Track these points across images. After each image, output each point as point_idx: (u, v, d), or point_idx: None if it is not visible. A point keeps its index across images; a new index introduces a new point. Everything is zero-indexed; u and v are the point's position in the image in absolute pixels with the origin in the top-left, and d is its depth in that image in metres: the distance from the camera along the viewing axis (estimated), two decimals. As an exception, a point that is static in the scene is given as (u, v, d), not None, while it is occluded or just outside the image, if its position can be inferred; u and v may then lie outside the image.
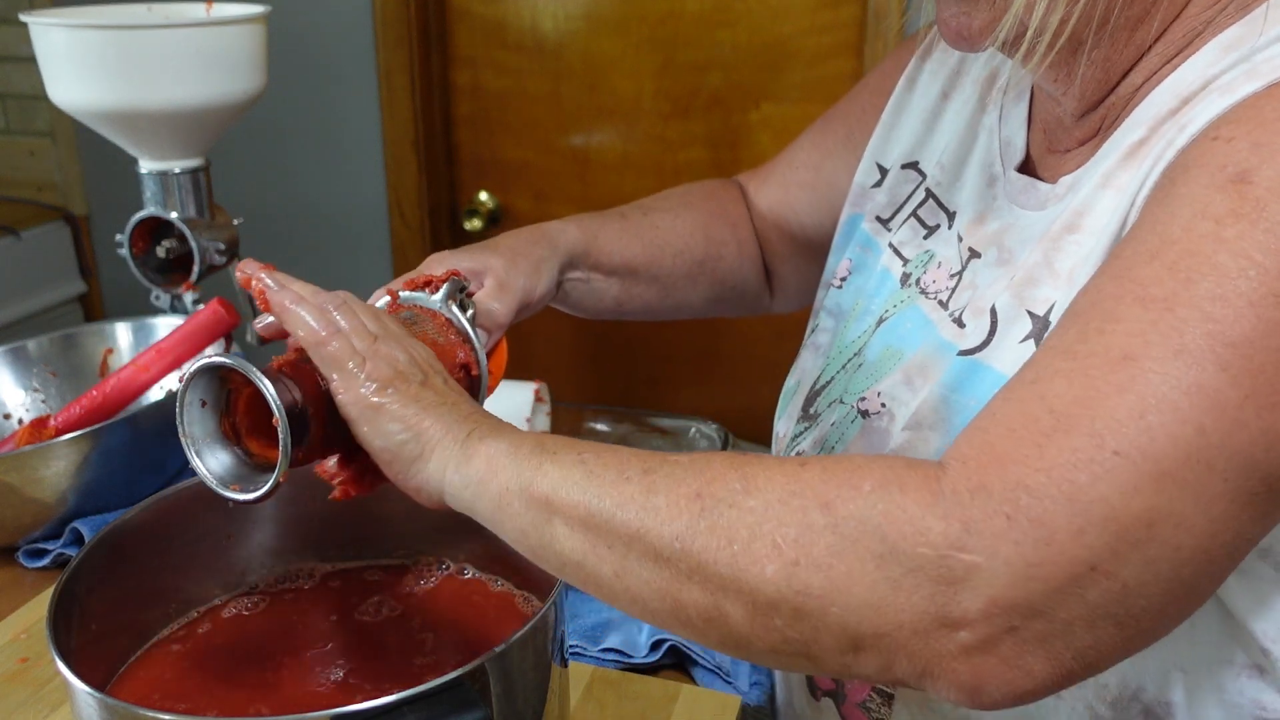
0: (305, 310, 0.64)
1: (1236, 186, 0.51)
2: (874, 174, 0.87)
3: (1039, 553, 0.48)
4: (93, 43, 1.21)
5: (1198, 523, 0.48)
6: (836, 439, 0.78)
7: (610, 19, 2.00)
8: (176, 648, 0.76)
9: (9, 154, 2.49)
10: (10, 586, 1.04)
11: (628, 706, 0.86)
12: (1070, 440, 0.49)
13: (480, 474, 0.59)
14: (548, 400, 1.23)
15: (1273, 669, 0.60)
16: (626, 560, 0.54)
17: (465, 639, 0.75)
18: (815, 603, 0.50)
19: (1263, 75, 0.54)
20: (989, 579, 0.48)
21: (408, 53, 2.08)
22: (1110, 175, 0.62)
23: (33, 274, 2.36)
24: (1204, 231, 0.51)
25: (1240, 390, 0.48)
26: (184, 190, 1.32)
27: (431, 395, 0.63)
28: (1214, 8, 0.61)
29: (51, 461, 1.02)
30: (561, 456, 0.58)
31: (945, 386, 0.68)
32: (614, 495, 0.55)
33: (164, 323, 1.26)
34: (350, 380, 0.62)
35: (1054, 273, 0.64)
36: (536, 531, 0.58)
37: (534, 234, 0.87)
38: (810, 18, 1.89)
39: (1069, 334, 0.53)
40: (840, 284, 0.87)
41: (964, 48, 0.66)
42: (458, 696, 0.58)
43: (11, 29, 2.37)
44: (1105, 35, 0.63)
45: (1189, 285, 0.50)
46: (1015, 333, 0.65)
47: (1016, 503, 0.48)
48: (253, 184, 2.24)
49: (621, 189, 2.09)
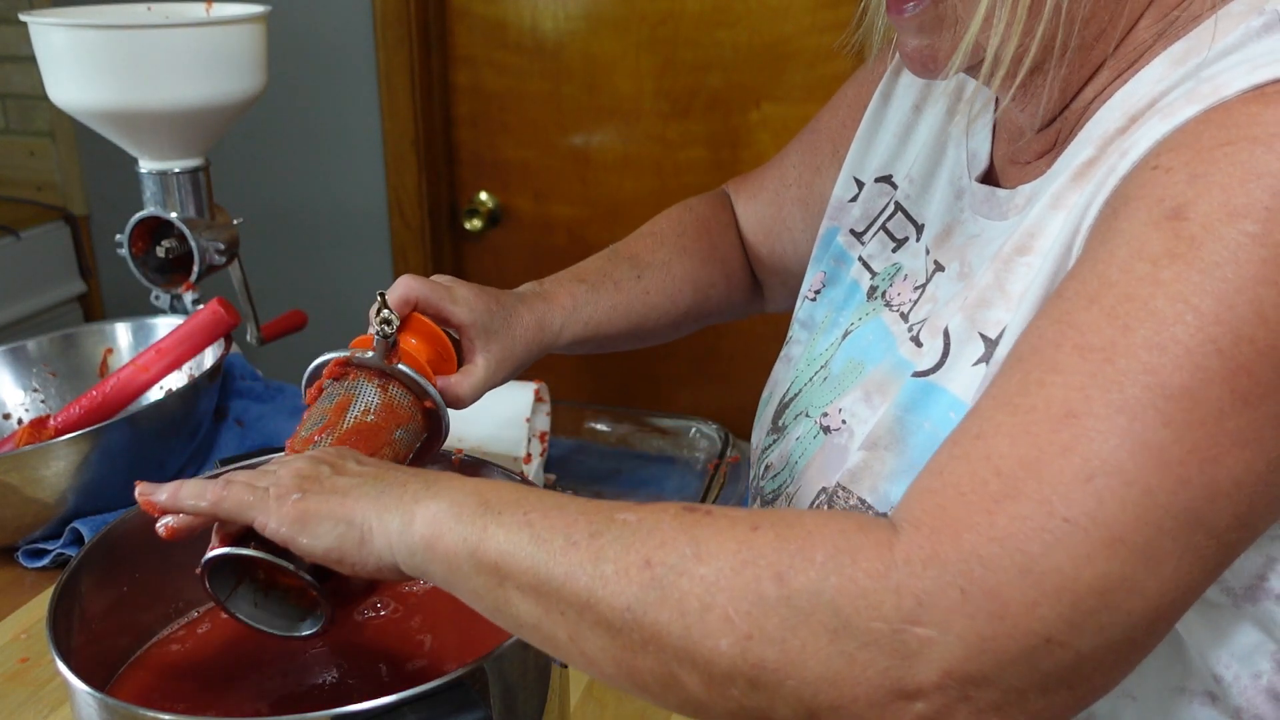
0: (184, 493, 0.64)
1: (1172, 223, 0.50)
2: (851, 188, 0.88)
3: (993, 627, 0.47)
4: (93, 43, 1.21)
5: (1148, 585, 0.48)
6: (799, 454, 0.77)
7: (610, 19, 2.00)
8: (176, 648, 0.77)
9: (9, 154, 2.49)
10: (10, 586, 1.04)
11: (628, 706, 0.86)
12: (1019, 507, 0.48)
13: (425, 539, 0.58)
14: (548, 400, 1.23)
15: (1225, 696, 0.60)
16: (579, 627, 0.53)
17: (465, 639, 0.75)
18: (771, 676, 0.49)
19: (1202, 98, 0.53)
20: (943, 652, 0.47)
21: (408, 53, 2.08)
22: (1060, 195, 0.62)
23: (33, 274, 2.36)
24: (1141, 274, 0.50)
25: (1183, 446, 0.47)
26: (184, 190, 1.32)
27: (347, 480, 0.62)
28: (1163, 21, 0.61)
29: (51, 461, 1.02)
30: (506, 517, 0.56)
31: (900, 407, 0.68)
32: (562, 563, 0.53)
33: (164, 323, 1.27)
34: (263, 508, 0.61)
35: (1005, 295, 0.63)
36: (490, 595, 0.56)
37: (536, 333, 0.85)
38: (810, 18, 1.89)
39: (1010, 383, 0.52)
40: (814, 297, 0.87)
41: (926, 76, 0.66)
42: (458, 697, 0.58)
43: (11, 29, 2.37)
44: (1065, 57, 0.62)
45: (1127, 333, 0.49)
46: (968, 355, 0.65)
47: (970, 575, 0.47)
48: (253, 184, 2.24)
49: (621, 189, 2.09)
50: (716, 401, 2.11)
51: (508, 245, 2.22)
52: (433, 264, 2.21)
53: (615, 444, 1.29)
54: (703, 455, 1.24)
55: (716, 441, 1.24)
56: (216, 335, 1.16)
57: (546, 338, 0.86)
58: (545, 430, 1.22)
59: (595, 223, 2.14)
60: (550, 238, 2.18)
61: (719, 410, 1.78)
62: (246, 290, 1.42)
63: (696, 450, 1.25)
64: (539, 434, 1.21)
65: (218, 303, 1.16)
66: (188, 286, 1.34)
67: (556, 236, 2.17)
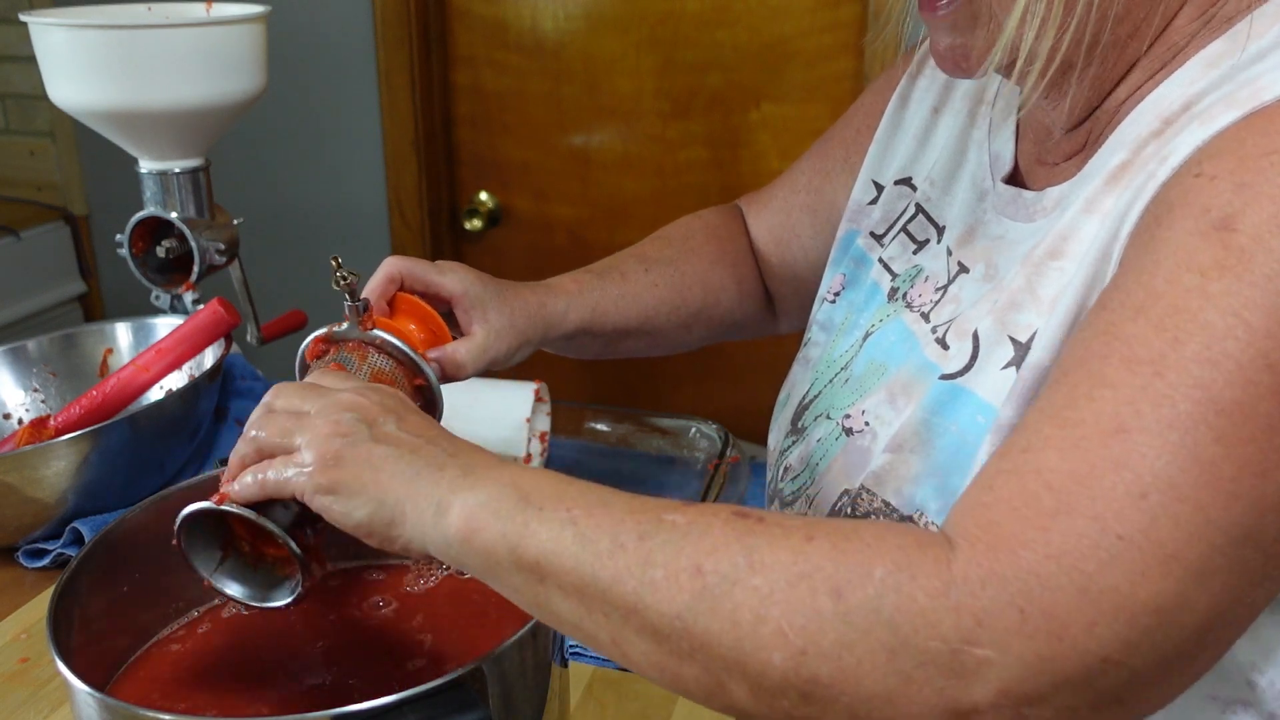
0: (232, 466, 0.64)
1: (1220, 234, 0.50)
2: (870, 191, 0.87)
3: (1051, 647, 0.47)
4: (93, 43, 1.21)
5: (1200, 601, 0.48)
6: (821, 455, 0.77)
7: (610, 19, 2.00)
8: (176, 648, 0.76)
9: (9, 154, 2.49)
10: (10, 586, 1.04)
11: (628, 706, 0.86)
12: (1074, 523, 0.48)
13: (460, 532, 0.56)
14: (548, 400, 1.23)
15: (1259, 703, 0.60)
16: (624, 631, 0.52)
17: (465, 639, 0.75)
18: (824, 691, 0.49)
19: (1240, 103, 0.53)
20: (1000, 673, 0.47)
21: (408, 53, 2.08)
22: (1093, 200, 0.62)
23: (33, 274, 2.36)
24: (1189, 285, 0.50)
25: (1234, 462, 0.47)
26: (184, 190, 1.32)
27: (383, 450, 0.60)
28: (1198, 20, 0.61)
29: (51, 461, 1.02)
30: (548, 514, 0.55)
31: (926, 410, 0.67)
32: (609, 566, 0.52)
33: (164, 323, 1.26)
34: (298, 480, 0.60)
35: (1036, 299, 0.63)
36: (529, 591, 0.55)
37: (537, 309, 0.85)
38: (810, 18, 1.89)
39: (1057, 396, 0.52)
40: (834, 299, 0.87)
41: (959, 75, 0.66)
42: (458, 697, 0.58)
43: (11, 29, 2.37)
44: (1096, 56, 0.62)
45: (1177, 346, 0.49)
46: (997, 358, 0.64)
47: (1029, 595, 0.47)
48: (253, 184, 2.24)
49: (622, 189, 2.09)
50: (716, 401, 2.11)
51: (508, 245, 2.22)
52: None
53: (615, 444, 1.29)
54: (703, 455, 1.24)
55: (716, 441, 1.24)
56: (216, 335, 1.16)
57: (550, 315, 0.85)
58: (545, 430, 1.22)
59: (595, 223, 2.14)
60: (550, 238, 2.18)
61: (719, 410, 1.78)
62: (246, 290, 1.42)
63: (696, 450, 1.25)
64: (539, 434, 1.21)
65: (218, 303, 1.16)
66: (188, 286, 1.34)
67: (556, 236, 2.17)
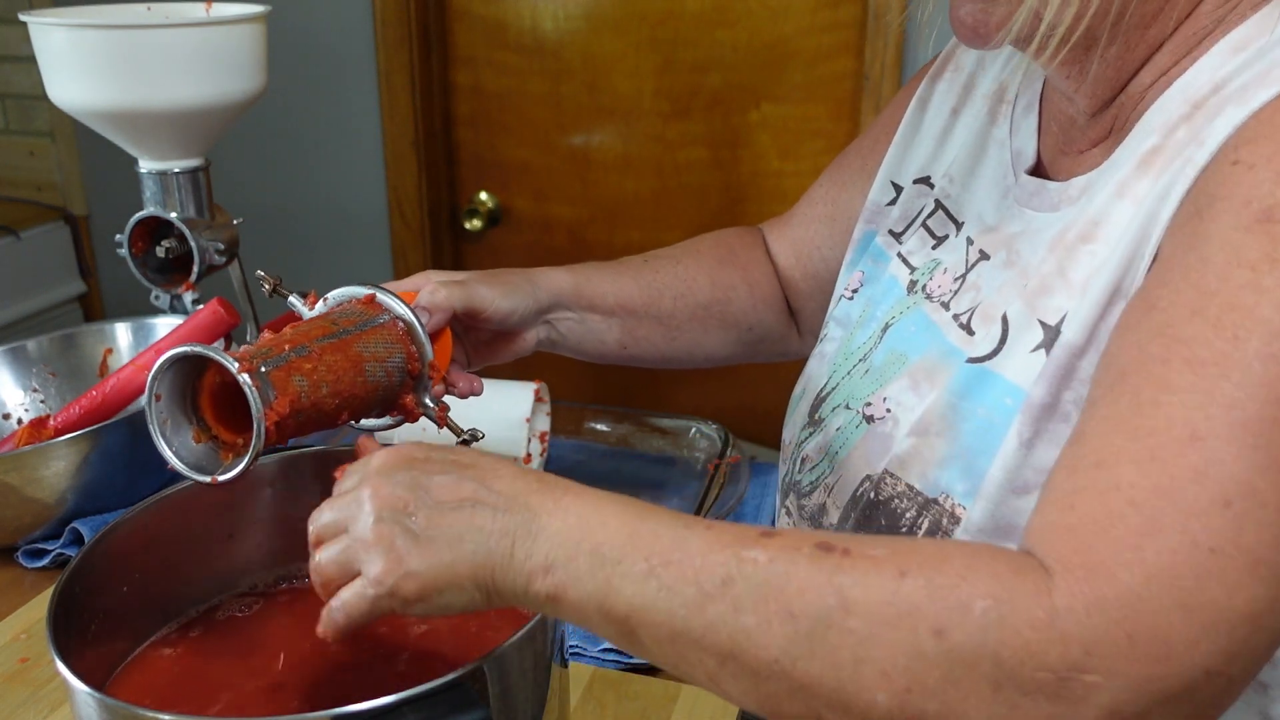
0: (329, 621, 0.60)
1: (1265, 226, 0.50)
2: (889, 192, 0.88)
3: (1159, 668, 0.47)
4: (93, 43, 1.21)
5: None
6: (840, 444, 0.77)
7: (610, 19, 2.00)
8: (176, 648, 0.76)
9: (9, 154, 2.49)
10: (10, 586, 1.04)
11: (628, 706, 0.86)
12: (1165, 540, 0.48)
13: (548, 597, 0.56)
14: (548, 400, 1.23)
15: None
16: (720, 673, 0.52)
17: (465, 639, 0.75)
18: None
19: (1276, 81, 0.53)
20: (1108, 695, 0.47)
21: (408, 53, 2.08)
22: (1125, 185, 0.62)
23: (32, 274, 2.36)
24: (1242, 281, 0.50)
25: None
26: (184, 190, 1.32)
27: (445, 532, 0.57)
28: (1225, 5, 0.61)
29: (51, 461, 1.02)
30: (626, 567, 0.54)
31: (953, 393, 0.68)
32: (699, 617, 0.52)
33: (164, 323, 1.27)
34: (383, 603, 0.57)
35: (1067, 282, 0.63)
36: (623, 639, 0.55)
37: (521, 272, 0.87)
38: (810, 18, 1.89)
39: (1121, 404, 0.52)
40: (851, 295, 0.87)
41: (978, 44, 0.65)
42: (458, 697, 0.58)
43: (11, 29, 2.37)
44: (1119, 32, 0.62)
45: (1237, 344, 0.49)
46: (1026, 342, 0.65)
47: (1136, 618, 0.47)
48: (253, 184, 2.24)
49: (622, 189, 2.09)
50: (716, 401, 2.11)
51: (508, 245, 2.22)
52: (432, 264, 2.21)
53: (615, 444, 1.29)
54: (703, 455, 1.24)
55: (716, 441, 1.24)
56: (216, 335, 1.16)
57: (536, 275, 0.88)
58: (545, 430, 1.22)
59: (595, 223, 2.14)
60: (550, 238, 2.18)
61: (719, 410, 1.78)
62: (246, 290, 1.42)
63: (696, 450, 1.25)
64: (539, 434, 1.21)
65: (218, 303, 1.16)
66: (188, 286, 1.34)
67: (556, 236, 2.17)
